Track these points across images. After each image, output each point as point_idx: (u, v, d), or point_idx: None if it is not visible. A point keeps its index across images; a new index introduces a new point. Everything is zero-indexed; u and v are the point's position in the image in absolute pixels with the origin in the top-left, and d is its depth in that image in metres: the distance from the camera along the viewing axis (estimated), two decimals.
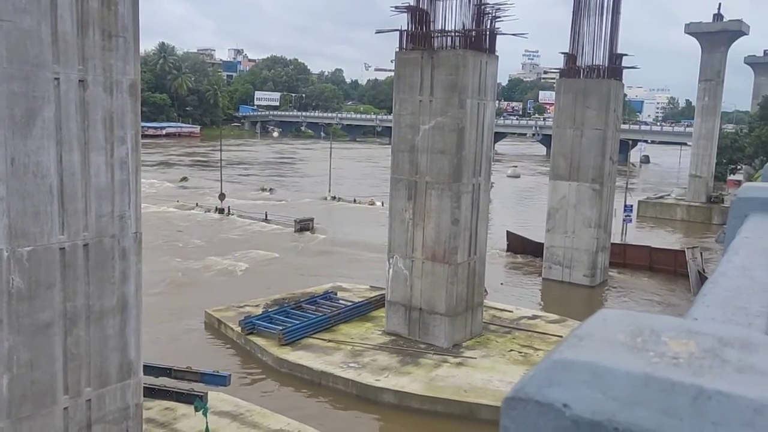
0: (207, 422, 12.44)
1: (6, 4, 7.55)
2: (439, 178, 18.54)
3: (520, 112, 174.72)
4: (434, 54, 18.36)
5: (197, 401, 12.44)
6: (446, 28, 18.76)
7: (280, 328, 19.69)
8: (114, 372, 9.44)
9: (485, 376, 17.00)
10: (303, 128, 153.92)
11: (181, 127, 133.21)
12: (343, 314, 21.48)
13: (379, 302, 22.28)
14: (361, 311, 22.12)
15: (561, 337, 20.35)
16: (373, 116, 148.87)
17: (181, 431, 13.34)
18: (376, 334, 20.14)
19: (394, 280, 19.90)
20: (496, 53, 19.49)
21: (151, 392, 12.25)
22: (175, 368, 13.18)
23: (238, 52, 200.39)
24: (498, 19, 19.25)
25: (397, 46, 19.31)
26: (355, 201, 51.65)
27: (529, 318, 22.37)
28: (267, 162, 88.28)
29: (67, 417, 8.84)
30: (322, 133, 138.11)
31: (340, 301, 23.21)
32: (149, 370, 12.08)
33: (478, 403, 15.58)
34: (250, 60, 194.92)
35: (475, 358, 18.30)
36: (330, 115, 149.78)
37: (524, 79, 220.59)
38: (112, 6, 8.71)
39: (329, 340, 19.50)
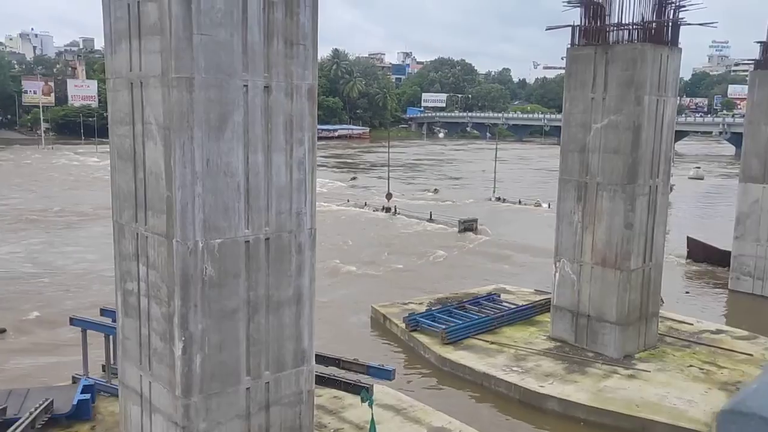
0: (372, 413, 12.86)
1: (204, 19, 8.37)
2: (612, 179, 17.57)
3: (705, 109, 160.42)
4: (609, 49, 17.43)
5: (363, 392, 12.89)
6: (623, 21, 17.71)
7: (443, 326, 19.82)
8: (289, 359, 10.10)
9: (660, 392, 15.81)
10: (468, 129, 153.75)
11: (352, 129, 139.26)
12: (506, 317, 21.13)
13: (544, 306, 21.63)
14: (525, 315, 21.62)
15: (751, 355, 18.37)
16: (541, 115, 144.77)
17: (349, 420, 13.92)
18: (540, 339, 19.57)
19: (560, 285, 19.19)
20: (679, 45, 18.05)
21: (321, 380, 12.92)
22: (343, 359, 13.77)
23: (407, 55, 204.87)
24: (682, 9, 17.82)
25: (569, 42, 18.60)
26: (520, 202, 50.59)
27: (713, 332, 20.43)
28: (432, 162, 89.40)
29: (249, 397, 9.61)
30: (488, 134, 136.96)
31: (504, 304, 22.86)
32: (320, 359, 12.74)
33: (652, 420, 14.53)
34: (418, 62, 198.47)
35: (649, 371, 17.09)
36: (496, 115, 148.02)
37: (711, 73, 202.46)
38: (294, 16, 9.32)
39: (492, 342, 19.28)
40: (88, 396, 14.04)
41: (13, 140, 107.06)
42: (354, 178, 67.72)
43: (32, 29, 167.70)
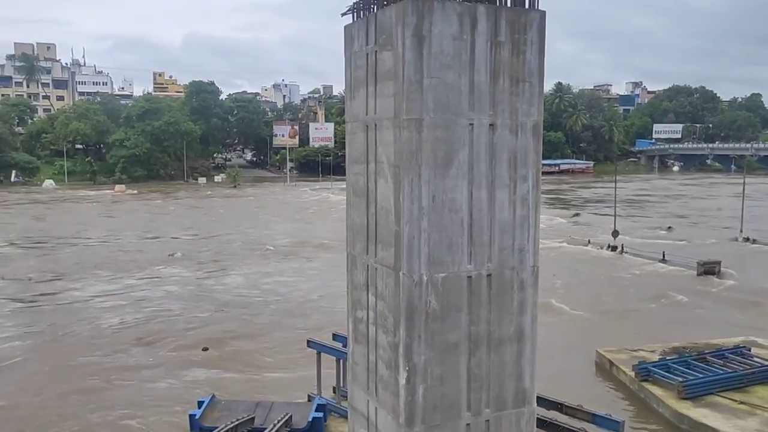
0: None
1: (434, 63, 8.78)
2: None
3: None
4: None
5: None
6: None
7: (680, 379, 17.99)
8: (510, 398, 9.91)
9: None
10: (709, 161, 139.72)
11: (574, 163, 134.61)
12: (758, 374, 18.54)
13: None
14: None
15: None
16: None
17: None
18: None
19: None
20: None
21: (542, 424, 12.46)
22: (567, 404, 13.16)
23: (636, 84, 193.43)
24: None
25: None
26: None
27: None
28: (665, 197, 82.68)
29: None
30: (733, 167, 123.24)
31: (755, 359, 20.10)
32: (541, 401, 12.31)
33: None
34: (649, 92, 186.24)
35: None
36: (743, 145, 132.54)
37: None
38: (520, 54, 9.36)
39: (740, 402, 17.02)
40: (321, 414, 15.14)
41: (264, 177, 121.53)
42: (577, 215, 65.13)
43: (282, 80, 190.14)
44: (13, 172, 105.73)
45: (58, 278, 36.28)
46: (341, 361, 15.89)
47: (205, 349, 23.68)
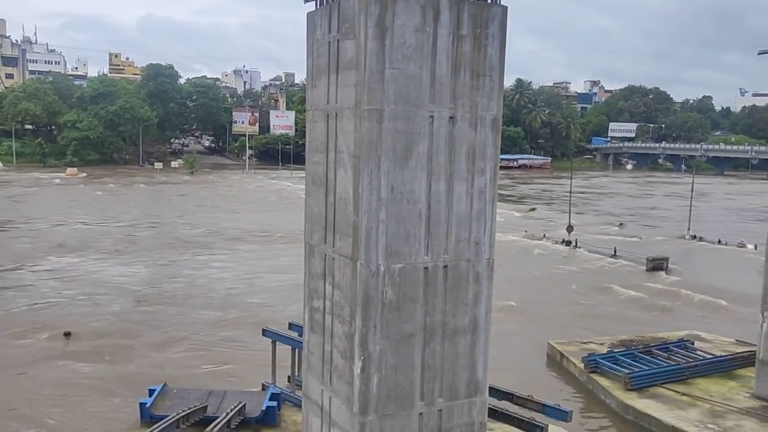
0: None
1: (396, 54, 8.79)
2: None
3: None
4: None
5: (537, 431, 12.45)
6: None
7: (627, 371, 18.54)
8: (462, 388, 10.06)
9: None
10: (660, 161, 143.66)
11: (533, 158, 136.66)
12: (701, 367, 19.24)
13: (747, 360, 19.38)
14: (723, 367, 19.53)
15: None
16: (748, 147, 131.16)
17: None
18: (741, 396, 17.53)
19: None
20: None
21: (494, 414, 12.68)
22: (517, 394, 13.43)
23: (594, 83, 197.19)
24: None
25: None
26: (720, 242, 46.06)
27: None
28: (618, 195, 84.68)
29: (422, 422, 9.71)
30: (683, 166, 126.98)
31: (698, 352, 20.84)
32: (493, 392, 12.54)
33: None
34: (606, 91, 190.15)
35: None
36: (693, 146, 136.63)
37: None
38: (482, 48, 9.45)
39: (683, 394, 17.64)
40: (275, 403, 15.10)
41: (222, 165, 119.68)
42: (533, 209, 66.24)
43: (243, 66, 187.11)
44: None
45: None
46: (296, 350, 15.85)
47: (67, 334, 23.41)
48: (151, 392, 15.63)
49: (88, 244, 41.07)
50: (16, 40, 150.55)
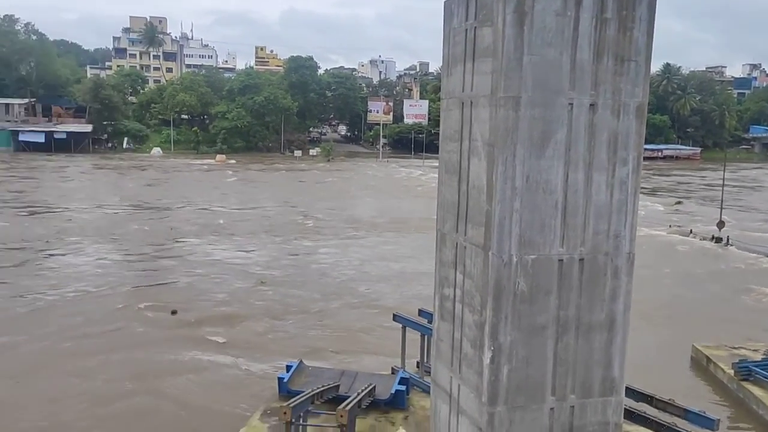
0: None
1: (535, 40, 8.57)
2: None
3: None
4: None
5: None
6: None
7: None
8: (596, 385, 9.69)
9: None
10: None
11: (680, 149, 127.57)
12: None
13: None
14: None
15: None
16: None
17: None
18: None
19: None
20: None
21: (630, 415, 12.12)
22: (657, 397, 12.71)
23: (754, 67, 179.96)
24: None
25: None
26: None
27: None
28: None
29: (552, 417, 9.49)
30: None
31: None
32: (630, 393, 11.98)
33: None
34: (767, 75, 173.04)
35: None
36: None
37: None
38: (627, 32, 8.96)
39: None
40: (404, 387, 15.42)
41: (357, 153, 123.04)
42: (679, 203, 61.98)
43: (379, 56, 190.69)
44: (125, 139, 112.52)
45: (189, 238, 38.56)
46: (425, 336, 16.06)
47: (174, 312, 24.52)
48: (288, 368, 16.53)
49: (232, 226, 43.96)
50: (176, 37, 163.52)
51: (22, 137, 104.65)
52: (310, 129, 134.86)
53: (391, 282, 29.99)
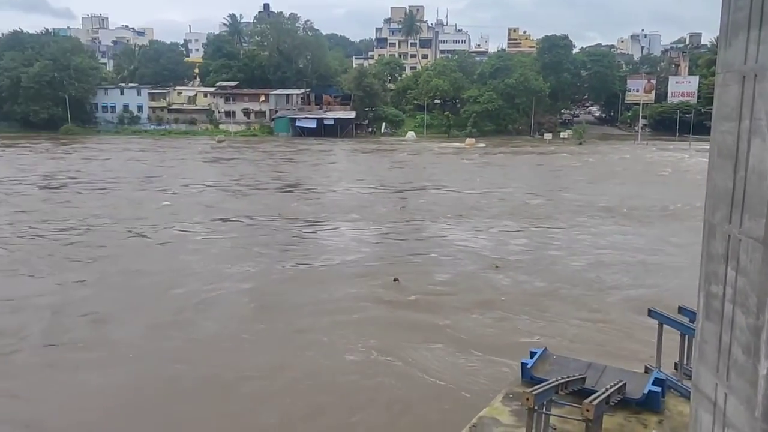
0: None
1: None
2: None
3: None
4: None
5: None
6: None
7: None
8: None
9: None
10: None
11: None
12: None
13: None
14: None
15: None
16: None
17: None
18: None
19: None
20: None
21: None
22: None
23: None
24: None
25: None
26: None
27: None
28: None
29: None
30: None
31: None
32: None
33: None
34: None
35: None
36: None
37: None
38: None
39: None
40: (659, 389, 14.28)
41: (611, 135, 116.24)
42: None
43: (642, 30, 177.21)
44: (383, 124, 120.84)
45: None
46: (686, 336, 14.63)
47: (396, 280, 24.81)
48: (532, 354, 16.33)
49: (477, 208, 44.68)
50: (431, 24, 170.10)
51: (298, 123, 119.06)
52: (562, 111, 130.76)
53: (629, 273, 27.95)
